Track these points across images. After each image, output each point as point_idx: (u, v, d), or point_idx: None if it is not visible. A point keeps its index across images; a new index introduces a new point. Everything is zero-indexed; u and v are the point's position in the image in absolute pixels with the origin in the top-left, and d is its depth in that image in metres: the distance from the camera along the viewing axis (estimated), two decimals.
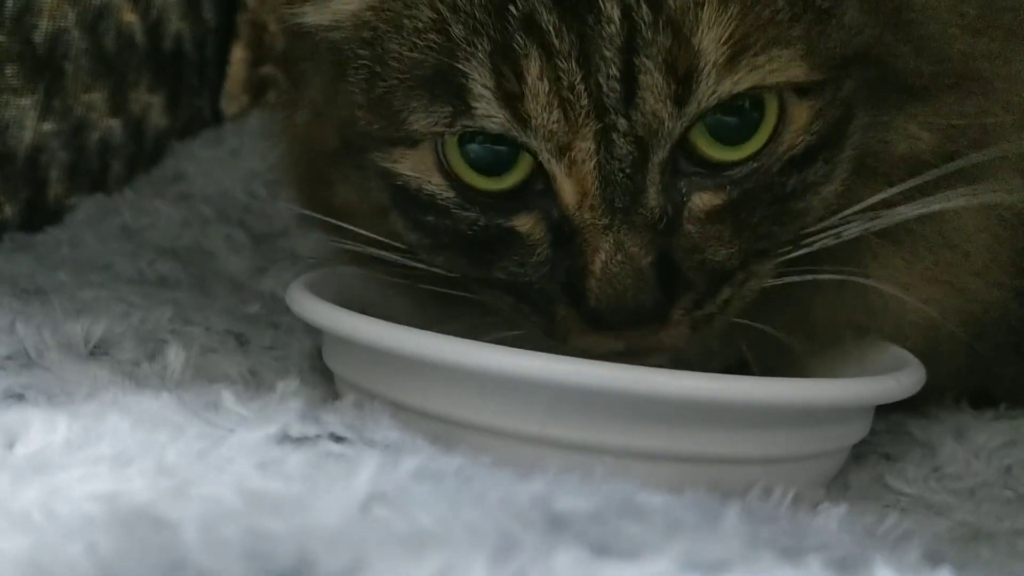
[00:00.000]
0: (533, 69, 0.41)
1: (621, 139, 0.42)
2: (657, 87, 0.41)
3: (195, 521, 0.27)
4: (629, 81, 0.41)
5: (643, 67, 0.41)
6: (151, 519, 0.28)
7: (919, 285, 0.48)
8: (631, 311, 0.42)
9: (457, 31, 0.42)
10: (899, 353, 0.48)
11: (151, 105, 0.82)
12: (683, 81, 0.41)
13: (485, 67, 0.42)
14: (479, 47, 0.42)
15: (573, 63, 0.41)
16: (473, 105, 0.42)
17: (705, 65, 0.41)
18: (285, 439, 0.36)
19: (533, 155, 0.43)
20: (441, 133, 0.44)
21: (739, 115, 0.43)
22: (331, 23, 0.47)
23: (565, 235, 0.44)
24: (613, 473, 0.36)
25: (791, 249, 0.45)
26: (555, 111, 0.42)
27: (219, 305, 0.60)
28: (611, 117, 0.42)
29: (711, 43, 0.41)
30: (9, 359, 0.45)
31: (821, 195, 0.45)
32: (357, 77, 0.46)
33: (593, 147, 0.42)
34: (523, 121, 0.42)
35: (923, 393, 0.46)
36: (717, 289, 0.44)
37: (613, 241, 0.42)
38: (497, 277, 0.45)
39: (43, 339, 0.46)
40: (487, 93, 0.42)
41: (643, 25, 0.41)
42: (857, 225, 0.45)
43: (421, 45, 0.43)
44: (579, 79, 0.41)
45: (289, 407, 0.39)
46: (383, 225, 0.49)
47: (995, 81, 0.47)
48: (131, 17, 0.78)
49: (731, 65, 0.41)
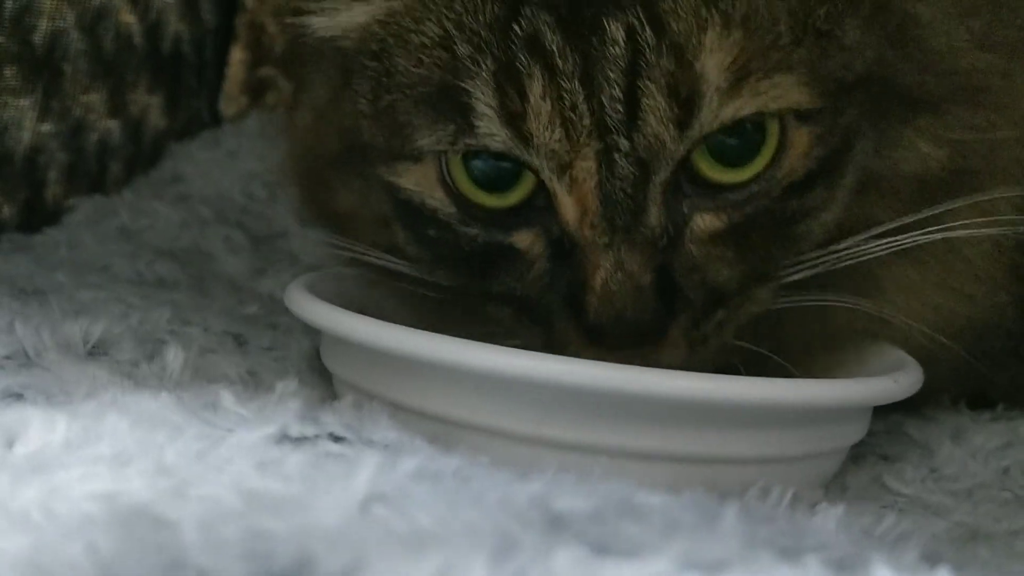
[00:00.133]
0: (536, 88, 0.41)
1: (623, 159, 0.42)
2: (659, 110, 0.41)
3: (195, 521, 0.27)
4: (632, 103, 0.41)
5: (646, 89, 0.41)
6: (151, 519, 0.28)
7: (928, 293, 0.48)
8: (630, 327, 0.42)
9: (462, 49, 0.42)
10: (897, 354, 0.49)
11: (150, 106, 0.82)
12: (685, 105, 0.41)
13: (488, 86, 0.42)
14: (483, 65, 0.42)
15: (576, 83, 0.41)
16: (476, 123, 0.42)
17: (708, 90, 0.41)
18: (284, 439, 0.36)
19: (535, 173, 0.43)
20: (445, 151, 0.44)
21: (741, 137, 0.43)
22: (339, 34, 0.47)
23: (565, 250, 0.44)
24: (611, 473, 0.36)
25: (792, 272, 0.45)
26: (557, 130, 0.42)
27: (218, 306, 0.60)
28: (613, 137, 0.42)
29: (714, 68, 0.41)
30: (8, 359, 0.45)
31: (821, 220, 0.45)
32: (363, 87, 0.46)
33: (594, 166, 0.42)
34: (525, 140, 0.42)
35: (923, 395, 0.46)
36: (714, 310, 0.44)
37: (613, 259, 0.42)
38: (496, 290, 0.46)
39: (42, 339, 0.46)
40: (490, 112, 0.42)
41: (647, 48, 0.41)
42: (855, 250, 0.45)
43: (427, 61, 0.44)
44: (581, 99, 0.41)
45: (288, 407, 0.39)
46: (384, 234, 0.49)
47: (1002, 96, 0.47)
48: (130, 18, 0.78)
49: (734, 90, 0.41)
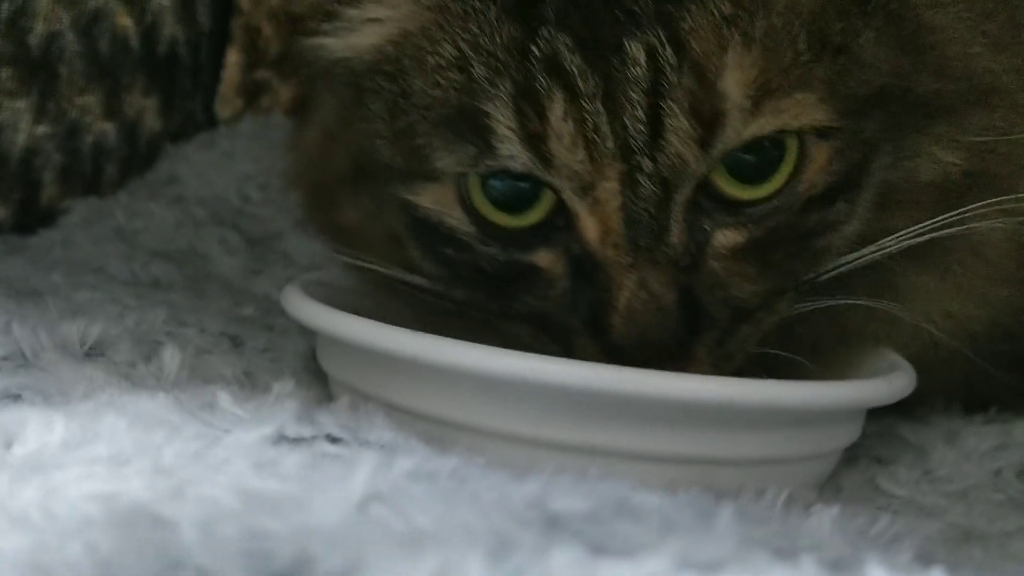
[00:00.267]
0: (557, 109, 0.41)
1: (646, 180, 0.42)
2: (683, 130, 0.41)
3: (194, 521, 0.27)
4: (655, 123, 0.41)
5: (669, 110, 0.41)
6: (150, 518, 0.28)
7: (946, 299, 0.48)
8: (653, 347, 0.42)
9: (479, 70, 0.42)
10: (890, 356, 0.49)
11: (145, 108, 0.82)
12: (708, 124, 0.41)
13: (508, 107, 0.42)
14: (502, 87, 0.42)
15: (599, 104, 0.41)
16: (496, 145, 0.42)
17: (730, 109, 0.41)
18: (281, 440, 0.36)
19: (555, 192, 0.43)
20: (465, 173, 0.44)
21: (759, 154, 0.43)
22: (351, 55, 0.47)
23: (586, 270, 0.44)
24: (607, 474, 0.36)
25: (812, 279, 0.45)
26: (580, 151, 0.42)
27: (213, 307, 0.60)
28: (636, 158, 0.41)
29: (736, 87, 0.41)
30: (6, 360, 0.45)
31: (842, 233, 0.45)
32: (378, 107, 0.46)
33: (618, 187, 0.42)
34: (546, 161, 0.42)
35: (933, 398, 0.46)
36: (738, 327, 0.44)
37: (637, 279, 0.42)
38: (516, 309, 0.45)
39: (39, 340, 0.46)
40: (510, 134, 0.42)
41: (668, 68, 0.41)
42: (871, 256, 0.45)
43: (443, 83, 0.43)
44: (605, 120, 0.41)
45: (285, 408, 0.39)
46: (396, 250, 0.48)
47: (1019, 95, 0.46)
48: (126, 21, 0.78)
49: (756, 109, 0.41)
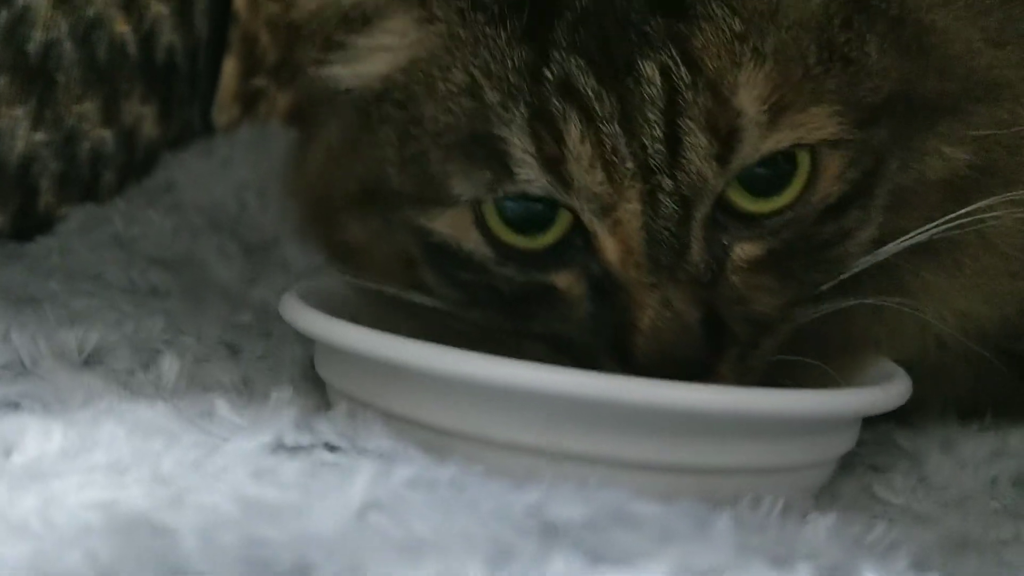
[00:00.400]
0: (574, 132, 0.41)
1: (666, 198, 0.42)
2: (702, 147, 0.41)
3: (193, 529, 0.27)
4: (673, 142, 0.41)
5: (687, 128, 0.41)
6: (149, 527, 0.28)
7: (960, 297, 0.48)
8: (678, 366, 0.42)
9: (492, 96, 0.42)
10: (885, 364, 0.49)
11: (143, 116, 0.82)
12: (726, 140, 0.41)
13: (524, 132, 0.42)
14: (516, 112, 0.42)
15: (616, 126, 0.41)
16: (515, 170, 0.42)
17: (747, 124, 0.41)
18: (280, 448, 0.37)
19: (573, 212, 0.43)
20: (483, 199, 0.44)
21: (771, 168, 0.43)
22: (359, 84, 0.47)
23: (607, 290, 0.43)
24: (605, 482, 0.36)
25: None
26: (599, 173, 0.42)
27: (211, 314, 0.60)
28: (656, 178, 0.41)
29: (751, 102, 0.41)
30: (4, 368, 0.45)
31: (858, 240, 0.45)
32: (388, 134, 0.46)
33: (639, 207, 0.42)
34: (565, 184, 0.42)
35: (943, 402, 0.46)
36: (760, 341, 0.44)
37: (660, 298, 0.42)
38: (535, 331, 0.45)
39: (38, 348, 0.46)
40: (528, 158, 0.42)
41: (683, 86, 0.41)
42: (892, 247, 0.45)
43: (455, 109, 0.43)
44: (623, 142, 0.41)
45: (283, 416, 0.39)
46: (407, 272, 0.48)
47: (1022, 88, 0.46)
48: (124, 28, 0.78)
49: (773, 124, 0.41)
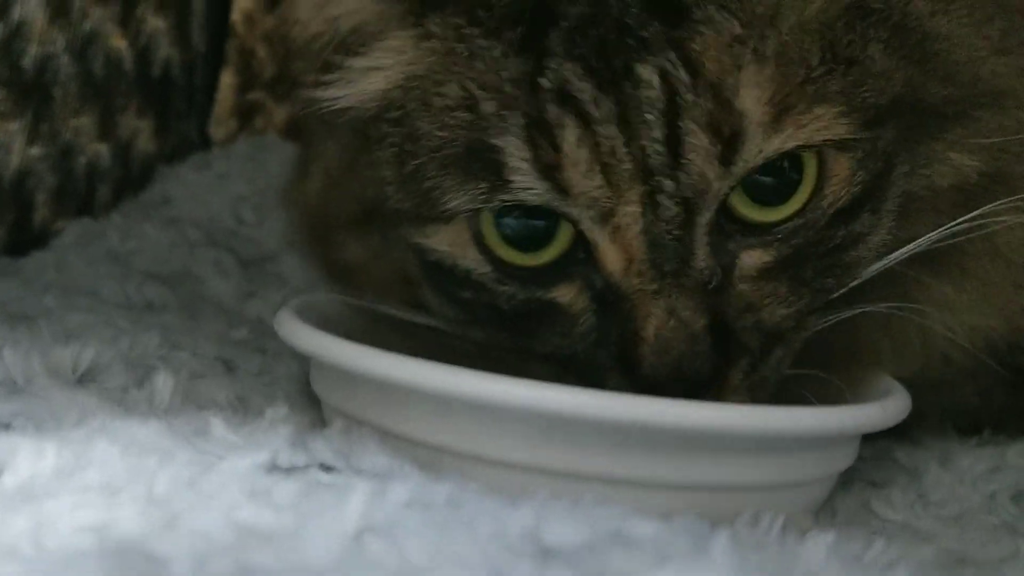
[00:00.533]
0: (570, 137, 0.41)
1: (668, 201, 0.41)
2: (704, 148, 0.41)
3: (186, 556, 0.27)
4: (674, 143, 0.41)
5: (688, 129, 0.41)
6: (142, 553, 0.28)
7: (967, 308, 0.48)
8: (686, 378, 0.41)
9: (487, 107, 0.42)
10: (884, 379, 0.49)
11: (139, 130, 0.82)
12: (728, 142, 0.41)
13: (520, 140, 0.41)
14: (511, 121, 0.42)
15: (613, 128, 0.41)
16: (510, 179, 0.42)
17: (750, 125, 0.41)
18: (274, 468, 0.36)
19: (573, 224, 0.43)
20: (478, 210, 0.43)
21: (778, 176, 0.42)
22: (355, 104, 0.46)
23: (610, 303, 0.43)
24: (602, 500, 0.36)
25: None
26: (597, 177, 0.41)
27: (207, 330, 0.60)
28: (656, 179, 0.41)
29: (754, 103, 0.41)
30: None
31: (870, 245, 0.44)
32: (385, 153, 0.46)
33: (639, 211, 0.42)
34: (563, 191, 0.42)
35: (950, 414, 0.46)
36: (771, 350, 0.43)
37: (664, 306, 0.41)
38: (539, 349, 0.45)
39: (31, 366, 0.46)
40: (524, 165, 0.42)
41: (683, 88, 0.40)
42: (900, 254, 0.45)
43: (451, 124, 0.43)
44: (621, 143, 0.41)
45: (278, 434, 0.39)
46: (405, 290, 0.48)
47: None
48: (120, 43, 0.78)
49: (776, 124, 0.41)
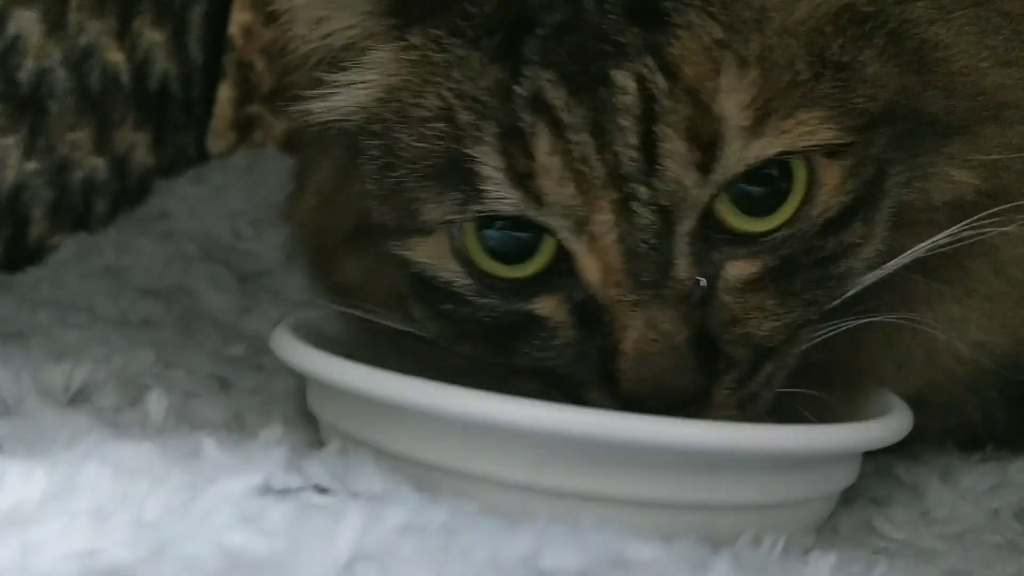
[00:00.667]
0: (542, 145, 0.40)
1: (643, 208, 0.40)
2: (679, 154, 0.40)
3: None
4: (649, 149, 0.40)
5: (663, 135, 0.40)
6: None
7: (971, 325, 0.47)
8: (669, 393, 0.40)
9: (463, 117, 0.41)
10: (885, 396, 0.48)
11: (136, 144, 0.82)
12: (707, 148, 0.40)
13: (494, 149, 0.41)
14: (486, 130, 0.41)
15: (586, 135, 0.40)
16: (483, 188, 0.41)
17: (729, 131, 0.40)
18: (268, 491, 0.36)
19: (552, 234, 0.42)
20: (453, 220, 0.43)
21: (765, 185, 0.41)
22: (338, 117, 0.46)
23: (590, 315, 0.42)
24: (601, 521, 0.35)
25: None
26: (570, 185, 0.41)
27: (203, 347, 0.59)
28: (630, 185, 0.40)
29: (733, 108, 0.40)
30: None
31: (862, 256, 0.43)
32: (367, 167, 0.45)
33: (613, 219, 0.41)
34: (536, 199, 0.41)
35: (956, 430, 0.45)
36: (760, 365, 0.42)
37: (643, 318, 0.40)
38: (522, 364, 0.44)
39: (22, 386, 0.45)
40: (497, 174, 0.41)
41: (659, 93, 0.40)
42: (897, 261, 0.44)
43: (429, 135, 0.42)
44: (593, 150, 0.40)
45: (272, 455, 0.39)
46: (398, 307, 0.48)
47: None
48: (117, 56, 0.78)
49: (757, 130, 0.40)
